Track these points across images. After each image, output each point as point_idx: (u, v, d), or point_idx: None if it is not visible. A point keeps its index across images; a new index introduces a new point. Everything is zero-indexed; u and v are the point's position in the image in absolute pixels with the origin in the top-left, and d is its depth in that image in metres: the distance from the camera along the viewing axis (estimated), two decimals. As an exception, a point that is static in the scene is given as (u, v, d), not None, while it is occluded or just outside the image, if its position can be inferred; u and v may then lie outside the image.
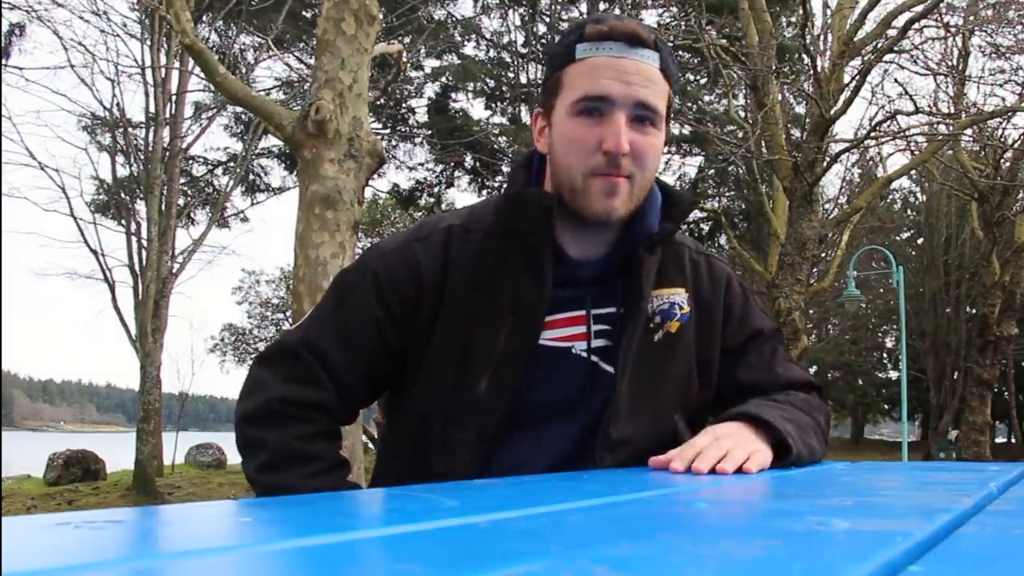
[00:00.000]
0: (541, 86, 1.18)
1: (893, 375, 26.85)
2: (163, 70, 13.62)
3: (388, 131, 15.65)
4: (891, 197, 23.28)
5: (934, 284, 22.16)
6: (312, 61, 5.82)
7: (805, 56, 10.24)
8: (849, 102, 9.93)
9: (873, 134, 10.70)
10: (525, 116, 15.03)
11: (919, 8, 10.08)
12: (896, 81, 16.82)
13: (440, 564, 0.38)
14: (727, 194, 17.08)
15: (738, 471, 0.95)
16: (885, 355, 27.71)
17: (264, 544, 0.46)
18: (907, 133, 11.39)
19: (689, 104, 14.24)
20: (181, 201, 14.97)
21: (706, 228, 16.44)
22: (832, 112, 9.71)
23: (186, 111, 14.62)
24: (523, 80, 15.40)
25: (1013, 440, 25.54)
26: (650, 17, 14.97)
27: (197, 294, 47.92)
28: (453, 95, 15.97)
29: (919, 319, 22.68)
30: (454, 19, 15.92)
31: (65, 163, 32.29)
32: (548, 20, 15.41)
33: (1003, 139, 15.04)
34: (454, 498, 0.67)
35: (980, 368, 16.64)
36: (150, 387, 12.88)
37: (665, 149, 1.16)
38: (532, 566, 0.37)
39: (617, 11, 12.95)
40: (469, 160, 15.47)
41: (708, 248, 1.33)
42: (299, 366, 1.14)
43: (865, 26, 10.72)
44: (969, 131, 12.33)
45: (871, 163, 19.05)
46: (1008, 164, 15.30)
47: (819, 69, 9.95)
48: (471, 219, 1.17)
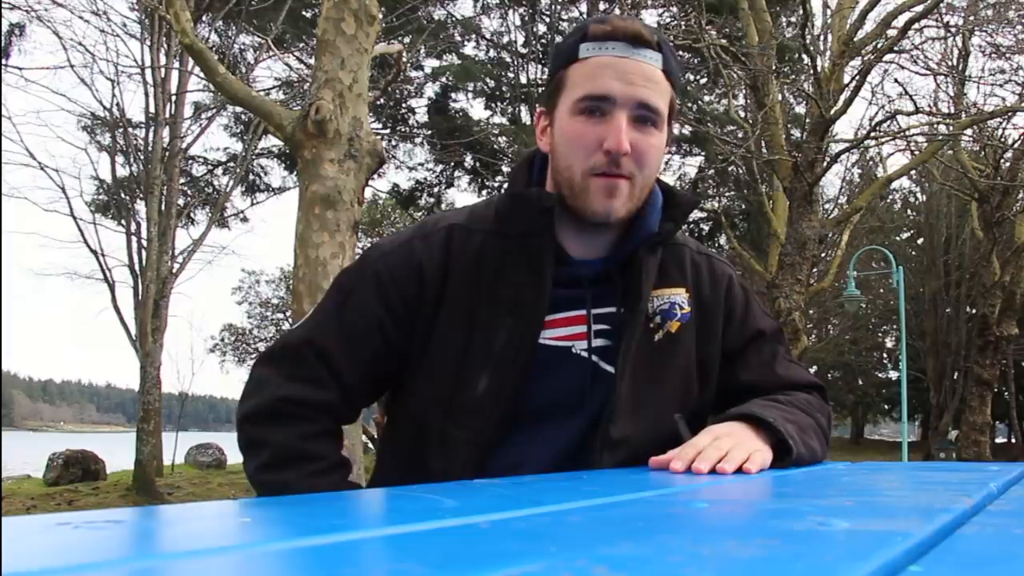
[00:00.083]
0: (544, 85, 1.18)
1: (893, 375, 26.84)
2: (163, 70, 13.63)
3: (388, 131, 15.65)
4: (891, 197, 23.29)
5: (934, 284, 22.16)
6: (312, 61, 5.82)
7: (805, 56, 10.25)
8: (849, 102, 9.94)
9: (873, 134, 10.71)
10: (525, 116, 15.03)
11: (919, 8, 10.09)
12: (896, 81, 16.82)
13: (440, 564, 0.38)
14: (727, 194, 17.09)
15: (738, 471, 0.95)
16: (885, 355, 27.70)
17: (264, 544, 0.46)
18: (907, 133, 11.40)
19: (689, 104, 14.24)
20: (181, 201, 14.97)
21: (706, 228, 16.44)
22: (832, 112, 9.71)
23: (186, 111, 14.64)
24: (523, 80, 15.40)
25: (1013, 440, 25.53)
26: (650, 17, 14.97)
27: (197, 294, 48.03)
28: (453, 95, 15.98)
29: (919, 319, 22.69)
30: (454, 19, 15.93)
31: (65, 163, 32.27)
32: (548, 20, 15.41)
33: (1003, 139, 15.04)
34: (454, 498, 0.67)
35: (980, 368, 16.64)
36: (150, 387, 12.88)
37: (666, 149, 1.16)
38: (532, 566, 0.37)
39: (617, 11, 12.94)
40: (469, 160, 15.47)
41: (710, 248, 1.33)
42: (301, 366, 1.13)
43: (865, 26, 10.74)
44: (969, 131, 12.33)
45: (871, 163, 19.07)
46: (1008, 164, 15.30)
47: (819, 69, 9.96)
48: (472, 218, 1.17)
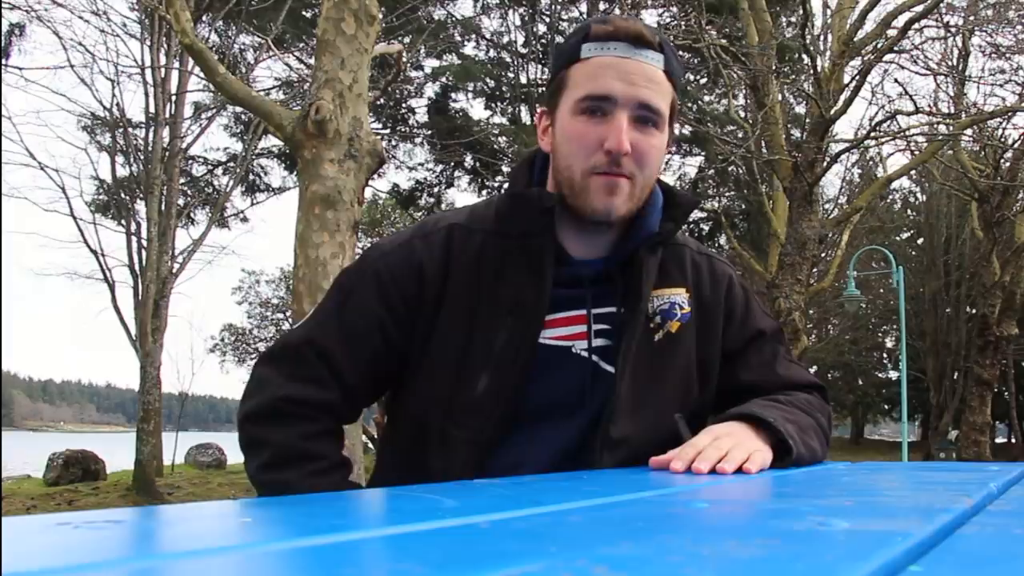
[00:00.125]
0: (545, 85, 1.19)
1: (893, 375, 26.84)
2: (163, 70, 13.62)
3: (388, 131, 15.65)
4: (891, 197, 23.29)
5: (934, 284, 22.16)
6: (312, 61, 5.82)
7: (805, 56, 10.24)
8: (849, 102, 9.93)
9: (873, 134, 10.70)
10: (525, 116, 15.02)
11: (919, 8, 10.09)
12: (896, 81, 16.82)
13: (440, 564, 0.38)
14: (727, 194, 17.08)
15: (738, 471, 0.95)
16: (885, 355, 27.70)
17: (264, 544, 0.46)
18: (907, 133, 11.40)
19: (689, 104, 14.24)
20: (181, 201, 14.97)
21: (706, 228, 16.44)
22: (832, 112, 9.71)
23: (186, 111, 14.63)
24: (523, 80, 15.39)
25: (1013, 440, 25.53)
26: (650, 17, 14.96)
27: (197, 294, 48.02)
28: (453, 95, 15.98)
29: (919, 319, 22.68)
30: (454, 19, 15.93)
31: (65, 163, 32.26)
32: (548, 20, 15.41)
33: (1003, 139, 15.04)
34: (454, 498, 0.67)
35: (980, 368, 16.64)
36: (150, 387, 12.88)
37: (667, 150, 1.16)
38: (532, 566, 0.37)
39: (617, 11, 12.94)
40: (469, 160, 15.47)
41: (710, 249, 1.33)
42: (302, 365, 1.14)
43: (865, 26, 10.74)
44: (969, 131, 12.33)
45: (871, 163, 19.07)
46: (1008, 164, 15.30)
47: (819, 69, 9.95)
48: (473, 218, 1.18)
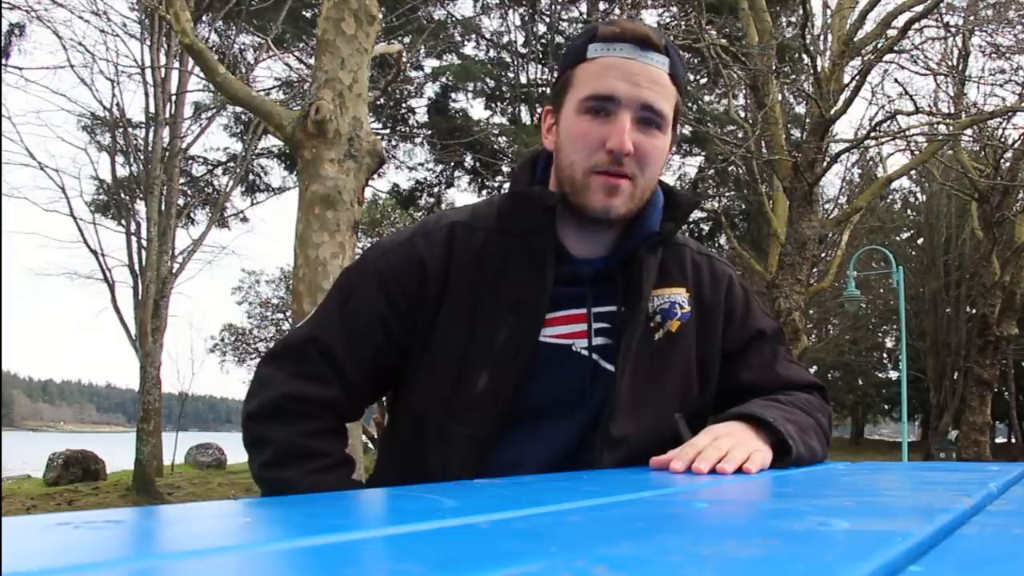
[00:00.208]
0: (546, 85, 1.19)
1: (893, 375, 26.84)
2: (163, 70, 13.62)
3: (388, 131, 15.65)
4: (891, 197, 23.28)
5: (934, 284, 22.16)
6: (312, 61, 5.82)
7: (805, 56, 10.24)
8: (849, 102, 9.93)
9: (873, 134, 10.70)
10: (525, 116, 15.01)
11: (919, 8, 10.08)
12: (896, 81, 16.84)
13: (440, 564, 0.38)
14: (727, 194, 17.08)
15: (738, 471, 0.95)
16: (885, 355, 27.70)
17: (264, 544, 0.46)
18: (907, 133, 11.39)
19: (689, 104, 14.24)
20: (181, 201, 14.97)
21: (706, 228, 16.44)
22: (832, 112, 9.71)
23: (186, 111, 14.62)
24: (523, 80, 15.38)
25: (1013, 440, 25.53)
26: (650, 17, 14.96)
27: (197, 294, 48.03)
28: (453, 95, 15.97)
29: (919, 319, 22.68)
30: (454, 19, 15.92)
31: (65, 163, 32.35)
32: (548, 20, 15.40)
33: (1003, 139, 15.04)
34: (454, 498, 0.67)
35: (980, 368, 16.63)
36: (150, 387, 12.87)
37: (669, 153, 1.16)
38: (532, 566, 0.37)
39: (617, 10, 12.94)
40: (469, 160, 15.46)
41: (710, 249, 1.34)
42: (305, 363, 1.14)
43: (865, 26, 10.74)
44: (969, 131, 12.33)
45: (871, 163, 19.07)
46: (1008, 164, 15.29)
47: (819, 69, 9.95)
48: (474, 216, 1.18)
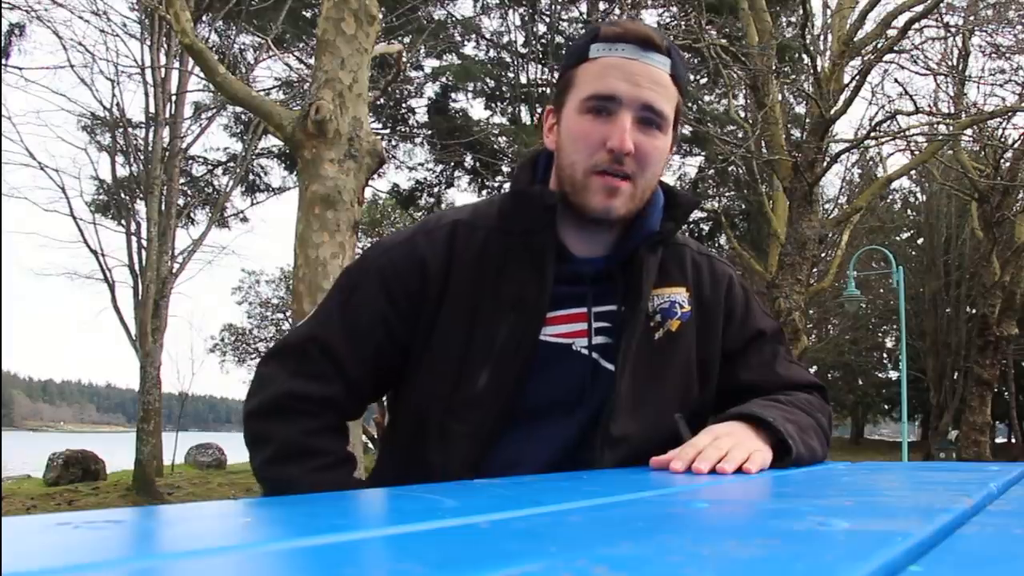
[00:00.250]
0: (546, 85, 1.20)
1: (893, 375, 26.84)
2: (163, 70, 13.61)
3: (388, 131, 15.65)
4: (891, 197, 23.28)
5: (934, 284, 22.15)
6: (312, 61, 5.82)
7: (805, 56, 10.24)
8: (849, 102, 9.93)
9: (873, 134, 10.70)
10: (525, 116, 15.01)
11: (919, 8, 10.08)
12: (896, 81, 16.82)
13: (440, 564, 0.38)
14: (727, 194, 17.08)
15: (738, 471, 0.95)
16: (885, 355, 27.70)
17: (264, 544, 0.46)
18: (907, 133, 11.39)
19: (689, 104, 14.23)
20: (181, 201, 14.96)
21: (706, 228, 16.44)
22: (832, 112, 9.71)
23: (186, 111, 14.62)
24: (523, 80, 15.38)
25: (1013, 440, 25.53)
26: (650, 17, 14.95)
27: (197, 294, 48.03)
28: (453, 95, 15.97)
29: (919, 319, 22.68)
30: (454, 19, 15.92)
31: (65, 163, 32.29)
32: (548, 20, 15.39)
33: (1003, 139, 15.04)
34: (454, 498, 0.67)
35: (980, 368, 16.63)
36: (150, 387, 12.87)
37: (670, 153, 1.16)
38: (532, 566, 0.37)
39: (617, 10, 12.94)
40: (469, 160, 15.46)
41: (710, 249, 1.34)
42: (306, 362, 1.14)
43: (865, 26, 10.74)
44: (969, 131, 12.33)
45: (871, 163, 19.07)
46: (1008, 164, 15.29)
47: (819, 69, 9.95)
48: (476, 215, 1.18)
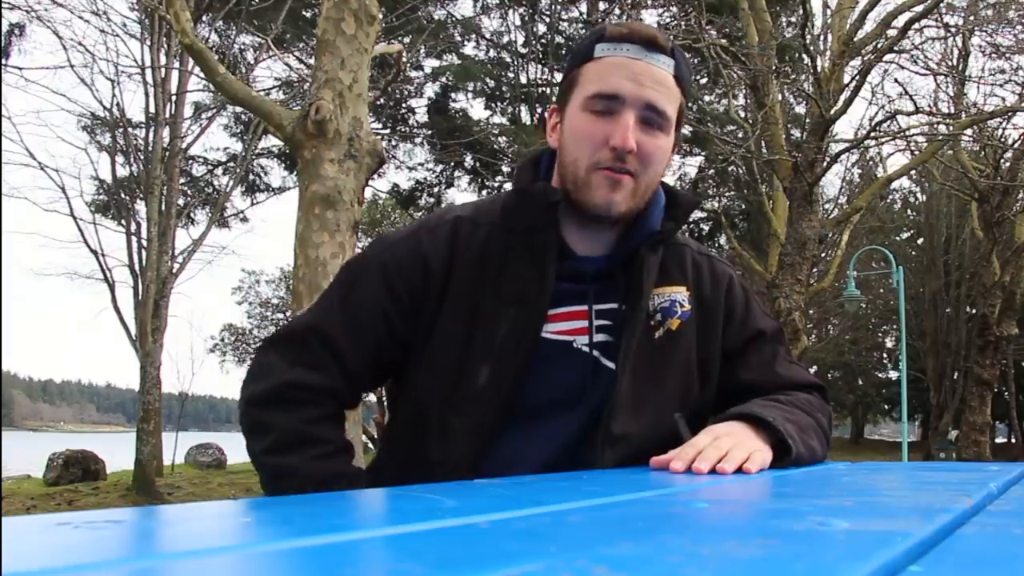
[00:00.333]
0: (547, 84, 1.20)
1: (893, 375, 26.84)
2: (163, 70, 13.61)
3: (388, 131, 15.65)
4: (891, 197, 23.29)
5: (934, 284, 22.16)
6: (312, 61, 5.82)
7: (805, 56, 10.24)
8: (849, 102, 9.93)
9: (873, 134, 10.70)
10: (525, 116, 15.01)
11: (919, 8, 10.09)
12: (896, 81, 16.86)
13: (440, 564, 0.38)
14: (727, 194, 17.08)
15: (738, 471, 0.95)
16: (885, 355, 27.70)
17: (264, 544, 0.46)
18: (907, 133, 11.40)
19: (689, 104, 14.20)
20: (181, 201, 14.96)
21: (706, 228, 16.43)
22: (832, 112, 9.71)
23: (186, 111, 14.61)
24: (523, 80, 15.38)
25: (1013, 440, 25.53)
26: (650, 17, 14.95)
27: (197, 294, 48.07)
28: (453, 95, 15.97)
29: (919, 319, 22.68)
30: (454, 19, 15.92)
31: (65, 163, 32.28)
32: (548, 20, 15.39)
33: (1003, 139, 15.04)
34: (454, 498, 0.67)
35: (980, 368, 16.63)
36: (150, 387, 12.87)
37: (672, 154, 1.17)
38: (532, 566, 0.37)
39: (617, 10, 12.94)
40: (469, 160, 15.46)
41: (710, 249, 1.35)
42: (307, 352, 1.15)
43: (865, 26, 10.74)
44: (969, 131, 12.33)
45: (871, 163, 19.07)
46: (1008, 164, 15.30)
47: (819, 69, 9.96)
48: (478, 212, 1.19)
